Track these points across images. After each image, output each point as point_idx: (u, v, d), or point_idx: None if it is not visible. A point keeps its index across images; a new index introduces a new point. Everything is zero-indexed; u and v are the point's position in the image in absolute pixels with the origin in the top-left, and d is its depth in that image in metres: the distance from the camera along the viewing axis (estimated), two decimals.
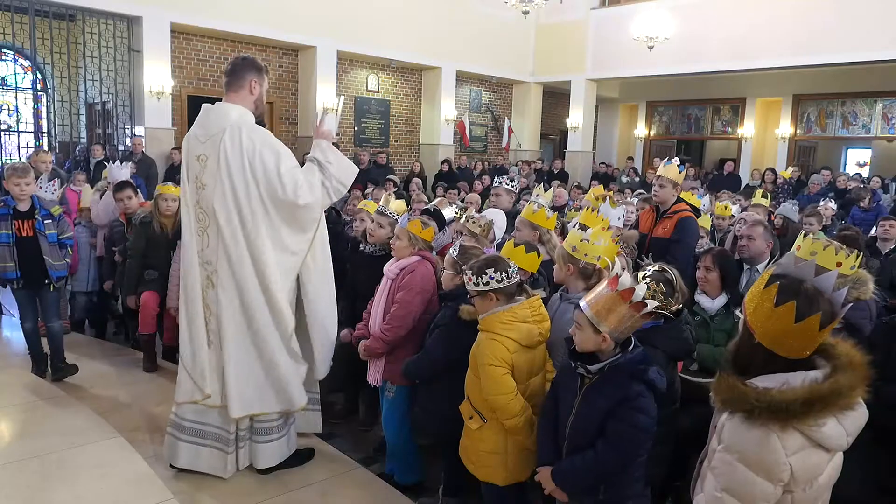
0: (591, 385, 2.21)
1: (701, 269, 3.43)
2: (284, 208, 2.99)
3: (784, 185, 11.04)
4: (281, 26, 10.85)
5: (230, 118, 2.97)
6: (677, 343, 2.60)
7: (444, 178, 11.84)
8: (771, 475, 1.55)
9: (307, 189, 2.99)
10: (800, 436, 1.54)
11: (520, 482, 2.69)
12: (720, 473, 1.63)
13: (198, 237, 3.06)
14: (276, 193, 2.95)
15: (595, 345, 2.15)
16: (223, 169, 2.92)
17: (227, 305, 3.01)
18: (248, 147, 2.92)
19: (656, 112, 17.64)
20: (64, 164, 9.48)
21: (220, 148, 2.92)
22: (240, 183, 2.92)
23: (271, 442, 3.21)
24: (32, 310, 4.44)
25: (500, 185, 5.43)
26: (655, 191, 4.42)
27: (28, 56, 11.54)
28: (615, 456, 2.17)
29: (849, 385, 1.54)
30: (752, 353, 1.65)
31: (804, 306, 1.55)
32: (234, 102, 3.04)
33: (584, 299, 2.19)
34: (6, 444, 3.53)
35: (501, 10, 11.22)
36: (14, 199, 4.26)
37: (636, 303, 2.10)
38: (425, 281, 3.27)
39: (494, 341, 2.55)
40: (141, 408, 4.02)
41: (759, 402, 1.52)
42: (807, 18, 11.27)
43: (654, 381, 2.16)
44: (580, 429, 2.23)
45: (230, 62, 3.14)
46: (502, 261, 2.65)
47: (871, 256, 4.90)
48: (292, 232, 3.06)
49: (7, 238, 4.23)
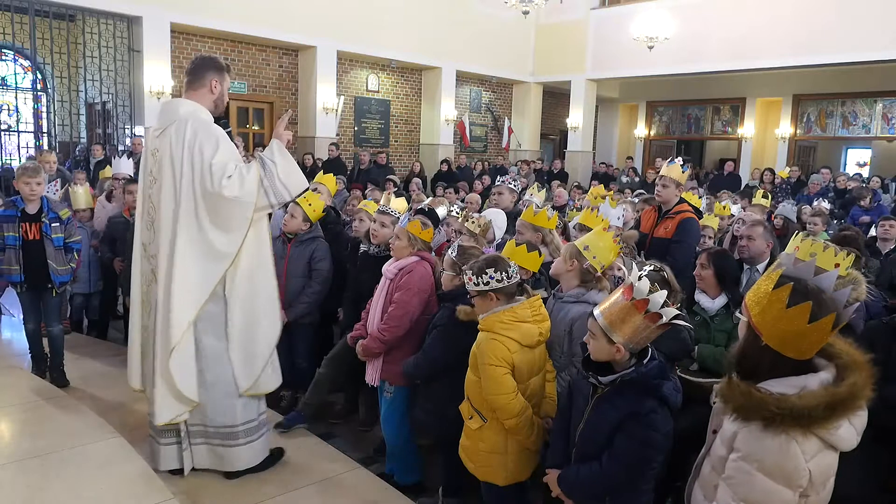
0: (602, 395, 2.14)
1: (697, 266, 3.44)
2: (211, 201, 2.88)
3: (782, 185, 11.04)
4: (281, 26, 10.85)
5: (179, 112, 2.95)
6: (676, 344, 2.59)
7: (444, 178, 11.83)
8: (791, 482, 1.53)
9: (237, 182, 2.87)
10: (816, 439, 1.53)
11: (520, 482, 2.69)
12: (737, 483, 1.60)
13: (146, 231, 3.04)
14: (206, 185, 2.86)
15: (609, 355, 2.07)
16: (167, 162, 2.90)
17: (160, 298, 2.96)
18: (189, 139, 2.87)
19: (656, 112, 17.64)
20: (64, 164, 9.48)
21: (167, 141, 2.91)
22: (178, 175, 2.89)
23: (238, 447, 3.13)
24: (35, 312, 4.42)
25: (502, 184, 5.42)
26: (658, 191, 4.40)
27: (28, 56, 11.54)
28: (620, 471, 2.10)
29: (863, 386, 1.54)
30: (759, 357, 1.62)
31: (816, 307, 1.54)
32: (191, 100, 3.02)
33: (598, 308, 2.12)
34: (6, 444, 3.53)
35: (501, 10, 11.22)
36: (23, 201, 4.24)
37: (652, 313, 2.01)
38: (423, 281, 3.27)
39: (495, 341, 2.55)
40: (141, 408, 4.01)
41: (780, 410, 1.50)
42: (807, 18, 11.27)
43: (668, 396, 2.08)
44: (589, 437, 2.18)
45: (191, 60, 3.11)
46: (502, 261, 2.64)
47: (871, 256, 4.90)
48: (218, 231, 2.90)
49: (14, 240, 4.20)
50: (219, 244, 2.92)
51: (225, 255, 2.93)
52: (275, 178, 2.94)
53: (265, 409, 3.30)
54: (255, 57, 11.56)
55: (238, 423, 3.11)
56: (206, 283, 2.92)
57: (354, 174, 11.80)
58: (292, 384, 4.11)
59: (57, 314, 4.52)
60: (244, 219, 2.92)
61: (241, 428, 3.11)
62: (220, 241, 2.92)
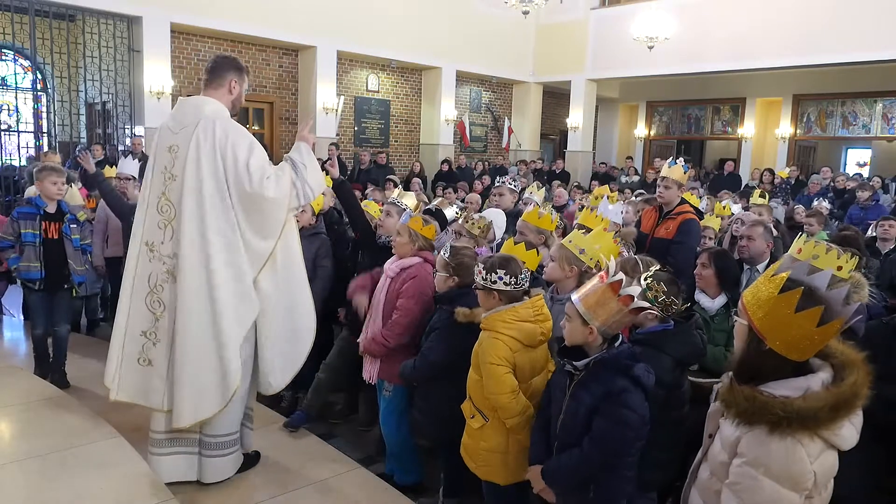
0: (578, 381, 2.22)
1: (698, 266, 3.44)
2: (250, 202, 2.88)
3: (783, 185, 11.04)
4: (281, 26, 10.85)
5: (204, 111, 2.91)
6: (687, 347, 2.56)
7: (444, 178, 11.84)
8: (798, 486, 1.52)
9: (274, 182, 2.89)
10: (819, 441, 1.53)
11: (521, 482, 2.69)
12: (743, 489, 1.59)
13: (159, 230, 2.95)
14: (244, 186, 2.85)
15: (583, 337, 2.16)
16: (193, 160, 2.84)
17: (186, 300, 2.88)
18: (220, 139, 2.85)
19: (656, 112, 17.63)
20: (64, 164, 9.47)
21: (193, 139, 2.84)
22: (208, 175, 2.84)
23: (225, 456, 3.11)
24: (46, 314, 4.42)
25: (502, 184, 5.42)
26: (660, 192, 4.39)
27: (28, 56, 11.54)
28: (600, 453, 2.15)
29: (863, 384, 1.54)
30: (762, 360, 1.61)
31: (826, 311, 1.54)
32: (215, 99, 3.00)
33: (577, 293, 2.20)
34: (6, 444, 3.53)
35: (501, 10, 11.22)
36: (44, 200, 4.29)
37: (625, 296, 2.10)
38: (425, 285, 3.25)
39: (497, 340, 2.55)
40: (141, 408, 4.00)
41: (785, 413, 1.49)
42: (807, 18, 11.27)
43: (640, 377, 2.15)
44: (568, 426, 2.23)
45: (211, 59, 3.09)
46: (515, 264, 2.64)
47: (871, 256, 4.90)
48: (253, 232, 2.91)
49: (34, 237, 4.25)
50: (255, 246, 2.92)
51: (261, 257, 2.94)
52: (305, 182, 3.00)
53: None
54: (255, 57, 11.56)
55: (234, 432, 3.11)
56: (245, 286, 2.92)
57: (354, 174, 11.80)
58: (292, 384, 4.10)
59: (68, 315, 4.56)
60: (279, 220, 2.96)
61: (230, 438, 3.11)
62: (256, 243, 2.92)
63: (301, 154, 3.05)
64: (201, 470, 3.10)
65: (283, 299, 3.06)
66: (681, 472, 2.75)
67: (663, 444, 2.44)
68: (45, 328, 4.44)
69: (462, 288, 2.95)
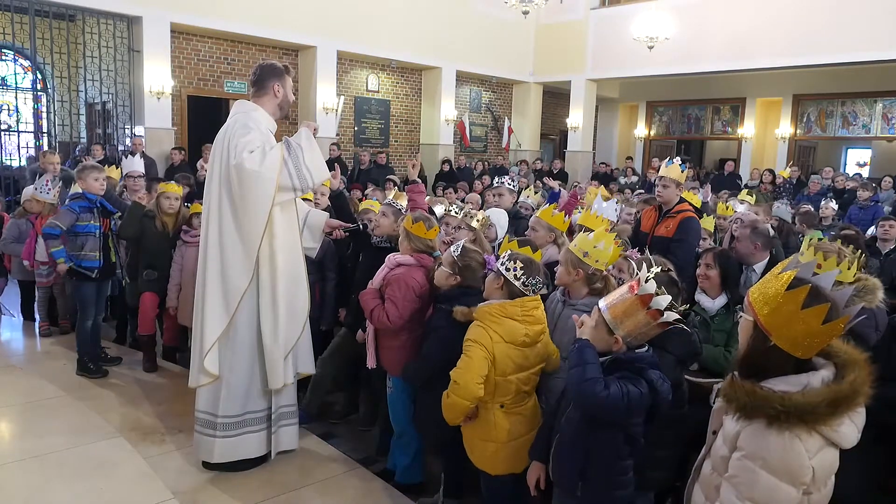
0: None
1: (702, 266, 3.44)
2: (233, 175, 2.94)
3: (784, 185, 11.03)
4: (281, 26, 10.85)
5: (236, 109, 3.13)
6: (687, 346, 2.60)
7: (444, 178, 11.84)
8: (795, 480, 1.53)
9: (259, 156, 2.92)
10: (818, 437, 1.54)
11: (515, 474, 2.70)
12: (741, 482, 1.60)
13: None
14: (230, 160, 2.95)
15: (607, 345, 2.13)
16: (214, 153, 3.08)
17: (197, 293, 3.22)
18: (230, 127, 3.02)
19: (656, 112, 17.63)
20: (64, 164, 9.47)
21: (218, 135, 3.09)
22: (217, 164, 3.04)
23: (291, 426, 3.38)
24: (97, 305, 4.63)
25: (501, 184, 5.43)
26: (659, 191, 4.44)
27: (28, 56, 11.54)
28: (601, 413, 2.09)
29: (863, 382, 1.55)
30: (767, 356, 1.62)
31: (832, 309, 1.55)
32: (255, 104, 3.18)
33: (604, 300, 2.18)
34: (6, 444, 3.53)
35: (501, 10, 11.22)
36: (94, 195, 4.52)
37: (653, 310, 2.07)
38: (406, 289, 3.15)
39: (481, 328, 2.62)
40: (141, 408, 4.02)
41: (784, 407, 1.50)
42: (807, 18, 11.27)
43: (653, 381, 2.12)
44: (572, 417, 2.21)
45: (254, 69, 3.23)
46: (536, 268, 2.67)
47: (871, 256, 4.90)
48: (240, 211, 2.99)
49: (95, 229, 4.52)
50: (243, 225, 2.99)
51: (249, 240, 2.99)
52: (300, 162, 3.02)
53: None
54: (255, 57, 11.55)
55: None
56: (237, 272, 3.03)
57: (354, 174, 11.80)
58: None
59: (104, 305, 4.91)
60: (265, 196, 2.94)
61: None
62: (244, 222, 2.99)
63: (299, 136, 3.11)
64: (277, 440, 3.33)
65: (283, 293, 3.18)
66: (680, 472, 2.77)
67: (663, 443, 2.44)
68: (95, 319, 4.61)
69: (462, 288, 2.95)
